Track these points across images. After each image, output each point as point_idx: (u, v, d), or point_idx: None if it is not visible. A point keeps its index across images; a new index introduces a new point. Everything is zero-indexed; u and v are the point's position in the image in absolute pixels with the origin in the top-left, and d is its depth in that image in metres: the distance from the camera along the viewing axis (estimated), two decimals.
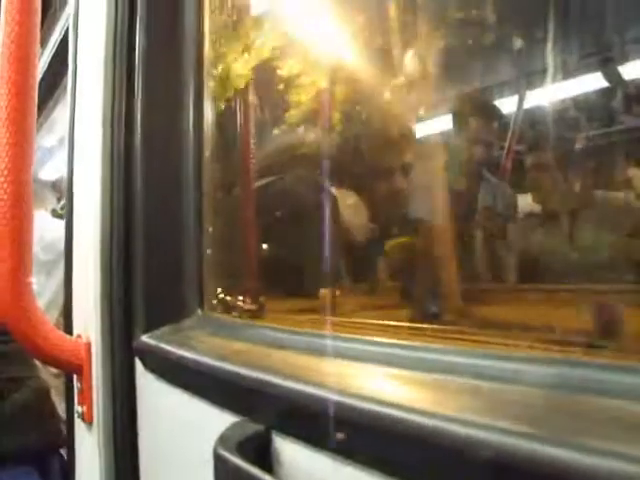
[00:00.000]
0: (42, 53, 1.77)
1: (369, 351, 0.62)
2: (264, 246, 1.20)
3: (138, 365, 0.96)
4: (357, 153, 1.25)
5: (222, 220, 1.06)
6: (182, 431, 0.85)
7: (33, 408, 1.62)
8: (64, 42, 1.50)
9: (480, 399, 0.47)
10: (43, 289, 2.36)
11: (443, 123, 1.20)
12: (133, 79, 1.04)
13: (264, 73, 1.17)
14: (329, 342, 0.68)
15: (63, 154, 1.33)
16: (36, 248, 1.18)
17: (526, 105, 1.03)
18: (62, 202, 3.02)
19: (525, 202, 1.05)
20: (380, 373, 0.58)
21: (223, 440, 0.62)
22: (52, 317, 1.85)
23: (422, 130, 1.19)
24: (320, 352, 0.68)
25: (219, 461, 0.59)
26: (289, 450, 0.61)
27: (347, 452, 0.54)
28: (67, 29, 1.40)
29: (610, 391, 0.42)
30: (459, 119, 1.18)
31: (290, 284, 1.20)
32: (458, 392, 0.49)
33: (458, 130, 1.20)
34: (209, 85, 1.06)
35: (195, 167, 1.00)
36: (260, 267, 1.16)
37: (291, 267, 1.22)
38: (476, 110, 1.18)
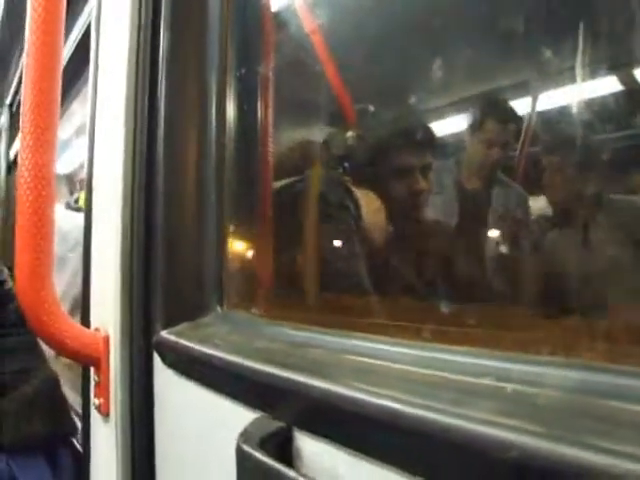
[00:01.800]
0: (64, 44, 1.78)
1: (390, 351, 0.63)
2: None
3: (157, 360, 0.97)
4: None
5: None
6: (201, 427, 0.86)
7: (43, 399, 1.63)
8: (87, 34, 1.51)
9: (502, 401, 0.48)
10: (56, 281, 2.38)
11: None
12: (156, 73, 1.05)
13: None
14: (350, 341, 0.69)
15: (79, 147, 1.34)
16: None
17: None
18: (75, 195, 3.04)
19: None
20: (401, 373, 0.58)
21: (246, 436, 0.63)
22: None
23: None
24: (341, 350, 0.68)
25: (242, 457, 0.60)
26: (310, 447, 0.62)
27: (367, 450, 0.54)
28: (90, 21, 1.41)
29: (634, 397, 0.42)
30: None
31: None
32: (479, 394, 0.50)
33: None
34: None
35: (217, 163, 1.00)
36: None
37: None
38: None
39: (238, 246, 1.06)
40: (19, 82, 2.86)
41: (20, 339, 1.63)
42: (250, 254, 1.12)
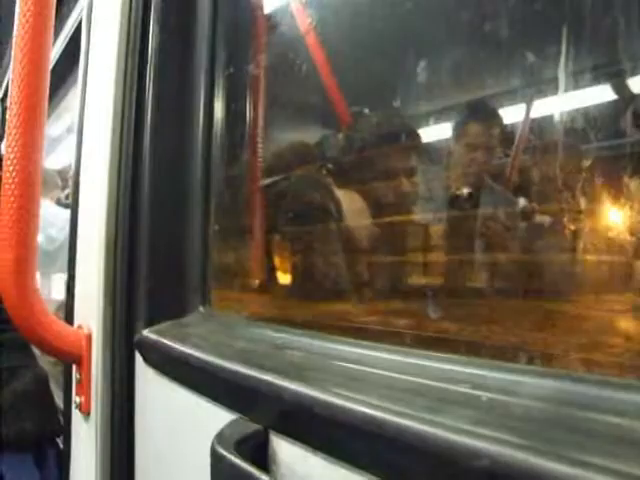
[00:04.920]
0: (54, 42, 1.77)
1: (370, 356, 0.63)
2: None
3: (138, 359, 0.97)
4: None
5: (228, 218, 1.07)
6: (180, 426, 0.85)
7: (32, 397, 1.62)
8: (77, 32, 1.50)
9: (477, 410, 0.48)
10: (43, 279, 2.37)
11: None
12: (145, 72, 1.04)
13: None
14: (331, 344, 0.69)
15: (70, 143, 1.33)
16: (39, 238, 1.18)
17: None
18: (67, 191, 3.03)
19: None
20: (380, 378, 0.58)
21: (221, 438, 0.62)
22: (50, 307, 1.86)
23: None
24: (322, 354, 0.68)
25: (216, 458, 0.60)
26: (286, 450, 0.61)
27: (343, 456, 0.54)
28: (81, 19, 1.41)
29: (610, 409, 0.42)
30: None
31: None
32: (455, 402, 0.50)
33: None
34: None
35: (203, 163, 1.00)
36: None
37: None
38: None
39: (222, 246, 1.05)
40: None
41: (13, 336, 1.62)
42: (234, 255, 1.12)
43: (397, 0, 0.99)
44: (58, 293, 2.25)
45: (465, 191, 1.07)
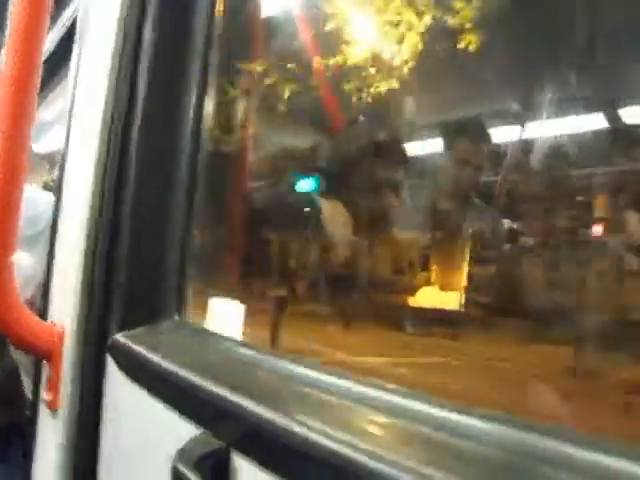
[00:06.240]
0: (51, 30, 1.76)
1: (337, 384, 0.63)
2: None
3: (109, 361, 0.96)
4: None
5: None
6: (144, 434, 0.85)
7: (2, 389, 1.61)
8: (75, 22, 1.49)
9: (430, 449, 0.48)
10: (23, 264, 2.34)
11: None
12: (138, 65, 1.04)
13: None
14: (301, 369, 0.69)
15: (60, 129, 1.32)
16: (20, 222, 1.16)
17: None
18: (55, 174, 3.00)
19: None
20: (344, 409, 0.58)
21: (183, 454, 0.62)
22: (27, 294, 1.83)
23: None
24: (291, 377, 0.68)
25: (177, 477, 0.60)
26: (247, 471, 0.61)
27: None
28: (77, 9, 1.39)
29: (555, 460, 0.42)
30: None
31: None
32: (413, 440, 0.50)
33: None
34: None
35: (189, 169, 1.00)
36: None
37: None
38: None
39: (201, 255, 1.05)
40: None
41: None
42: (212, 265, 1.11)
43: None
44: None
45: None
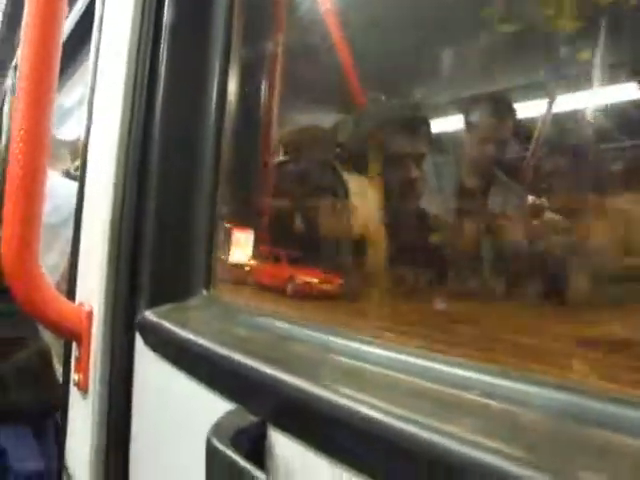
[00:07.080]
0: (70, 13, 1.75)
1: (376, 354, 0.61)
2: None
3: (138, 340, 0.95)
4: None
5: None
6: (177, 411, 0.84)
7: (34, 370, 1.62)
8: (92, 4, 1.48)
9: (484, 419, 0.46)
10: (48, 252, 2.35)
11: None
12: (158, 48, 1.02)
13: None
14: (337, 339, 0.67)
15: (82, 115, 1.31)
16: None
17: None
18: (76, 163, 3.01)
19: None
20: (385, 379, 0.56)
21: (218, 430, 0.61)
22: (53, 281, 1.84)
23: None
24: (327, 349, 0.66)
25: (212, 451, 0.58)
26: (283, 445, 0.60)
27: (341, 455, 0.52)
28: None
29: (612, 424, 0.40)
30: None
31: None
32: (462, 409, 0.48)
33: None
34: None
35: (214, 146, 0.98)
36: None
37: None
38: None
39: (230, 230, 1.04)
40: None
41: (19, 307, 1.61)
42: (242, 240, 1.10)
43: None
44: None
45: None
